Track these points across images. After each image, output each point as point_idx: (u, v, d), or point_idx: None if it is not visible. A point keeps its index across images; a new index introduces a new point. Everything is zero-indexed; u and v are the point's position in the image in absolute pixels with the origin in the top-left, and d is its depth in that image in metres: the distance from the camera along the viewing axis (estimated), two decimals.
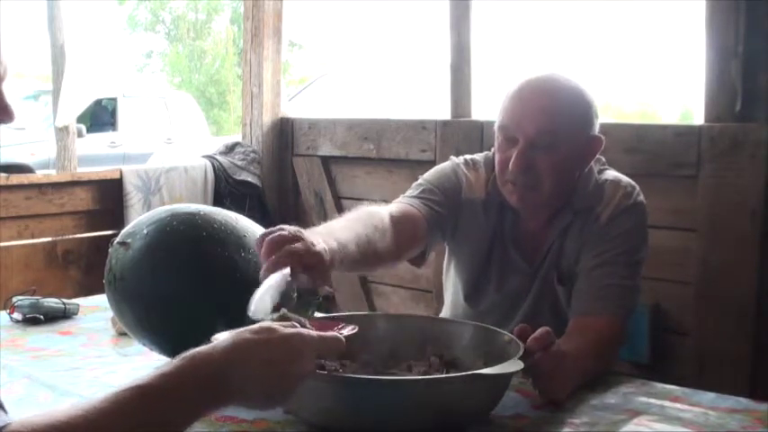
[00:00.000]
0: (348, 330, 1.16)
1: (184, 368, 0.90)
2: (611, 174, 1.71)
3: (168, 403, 0.87)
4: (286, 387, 0.97)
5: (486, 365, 1.29)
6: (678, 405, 1.35)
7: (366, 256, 1.48)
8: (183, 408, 0.89)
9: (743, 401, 1.37)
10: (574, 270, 1.65)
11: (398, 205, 1.69)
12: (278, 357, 0.95)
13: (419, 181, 1.78)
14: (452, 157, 1.81)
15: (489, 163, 1.75)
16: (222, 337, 0.99)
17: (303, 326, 1.10)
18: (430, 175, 1.79)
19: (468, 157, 1.80)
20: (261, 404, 1.00)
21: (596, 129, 1.65)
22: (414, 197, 1.72)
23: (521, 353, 1.25)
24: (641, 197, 1.67)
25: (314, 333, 1.01)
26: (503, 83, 1.75)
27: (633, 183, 1.69)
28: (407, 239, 1.63)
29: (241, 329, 0.98)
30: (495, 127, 1.66)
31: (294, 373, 0.97)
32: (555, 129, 1.58)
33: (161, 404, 0.87)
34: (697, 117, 4.17)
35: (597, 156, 1.72)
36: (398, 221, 1.60)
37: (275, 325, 1.00)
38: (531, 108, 1.60)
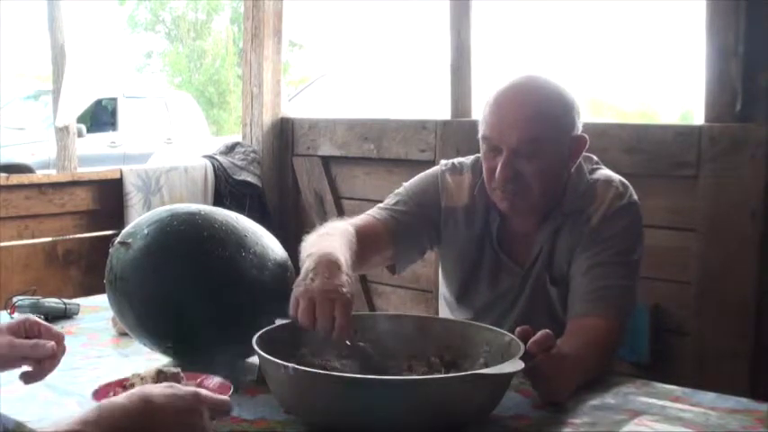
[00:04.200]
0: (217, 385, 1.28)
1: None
2: (603, 173, 1.70)
3: None
4: None
5: (486, 365, 1.29)
6: (679, 405, 1.35)
7: (355, 270, 1.53)
8: None
9: (743, 401, 1.37)
10: (566, 271, 1.64)
11: (363, 218, 1.72)
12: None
13: (398, 190, 1.81)
14: (442, 161, 1.83)
15: (478, 166, 1.75)
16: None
17: (178, 379, 1.23)
18: (410, 183, 1.82)
19: (456, 161, 1.81)
20: None
21: (579, 128, 1.64)
22: (383, 209, 1.75)
23: (521, 353, 1.25)
24: (634, 196, 1.66)
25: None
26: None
27: (625, 182, 1.67)
28: (369, 251, 1.65)
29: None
30: (479, 136, 1.66)
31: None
32: (537, 136, 1.58)
33: None
34: (697, 117, 4.17)
35: (589, 155, 1.72)
36: (360, 232, 1.64)
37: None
38: (511, 118, 1.59)
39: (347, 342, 1.36)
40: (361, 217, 1.73)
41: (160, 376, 1.23)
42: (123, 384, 1.26)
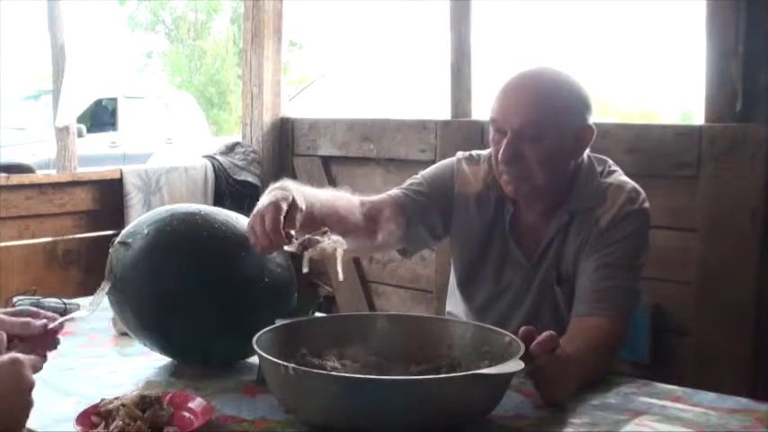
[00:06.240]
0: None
1: None
2: (617, 177, 1.70)
3: None
4: None
5: (487, 365, 1.29)
6: (679, 405, 1.35)
7: (328, 220, 1.56)
8: None
9: (743, 401, 1.37)
10: (572, 272, 1.65)
11: (376, 196, 1.77)
12: None
13: (415, 175, 1.84)
14: (459, 153, 1.85)
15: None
16: None
17: (161, 403, 1.23)
18: (427, 170, 1.85)
19: (474, 152, 1.84)
20: None
21: (587, 120, 1.65)
22: (397, 188, 1.80)
23: (521, 353, 1.25)
24: (646, 204, 1.66)
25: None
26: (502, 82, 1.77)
27: (639, 188, 1.68)
28: (377, 219, 1.69)
29: None
30: (489, 120, 1.69)
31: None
32: (538, 119, 1.60)
33: None
34: (697, 117, 4.17)
35: (603, 158, 1.73)
36: (369, 204, 1.70)
37: None
38: (515, 100, 1.63)
39: (286, 247, 1.41)
40: (373, 196, 1.77)
41: (144, 401, 1.21)
42: (98, 411, 1.22)
